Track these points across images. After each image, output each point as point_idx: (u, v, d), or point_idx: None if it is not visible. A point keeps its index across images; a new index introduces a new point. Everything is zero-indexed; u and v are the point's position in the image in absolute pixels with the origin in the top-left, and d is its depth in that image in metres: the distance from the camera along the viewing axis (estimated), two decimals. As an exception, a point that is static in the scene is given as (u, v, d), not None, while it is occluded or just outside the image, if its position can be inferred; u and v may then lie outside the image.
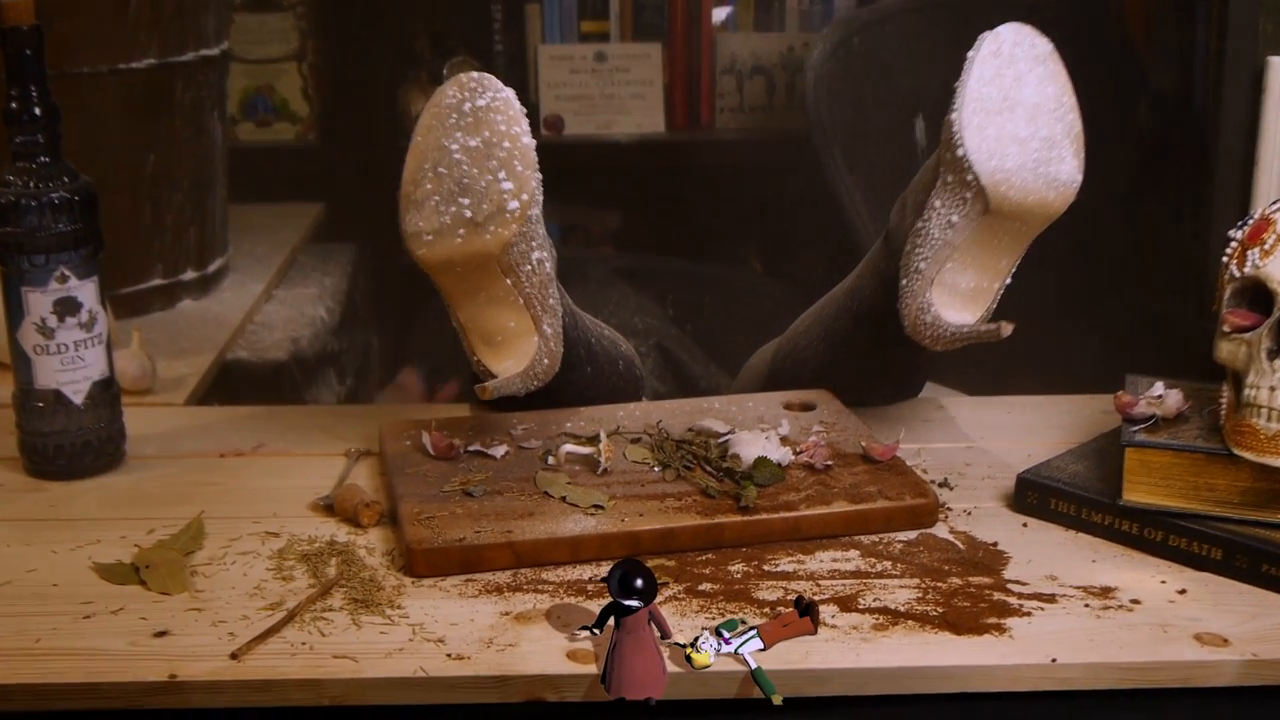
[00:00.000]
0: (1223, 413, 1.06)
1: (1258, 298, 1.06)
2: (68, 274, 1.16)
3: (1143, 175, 2.09)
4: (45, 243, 1.15)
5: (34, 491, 1.19)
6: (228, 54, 1.95)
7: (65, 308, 1.17)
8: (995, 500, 1.16)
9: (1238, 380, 1.05)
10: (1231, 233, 1.11)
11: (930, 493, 1.12)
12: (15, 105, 1.14)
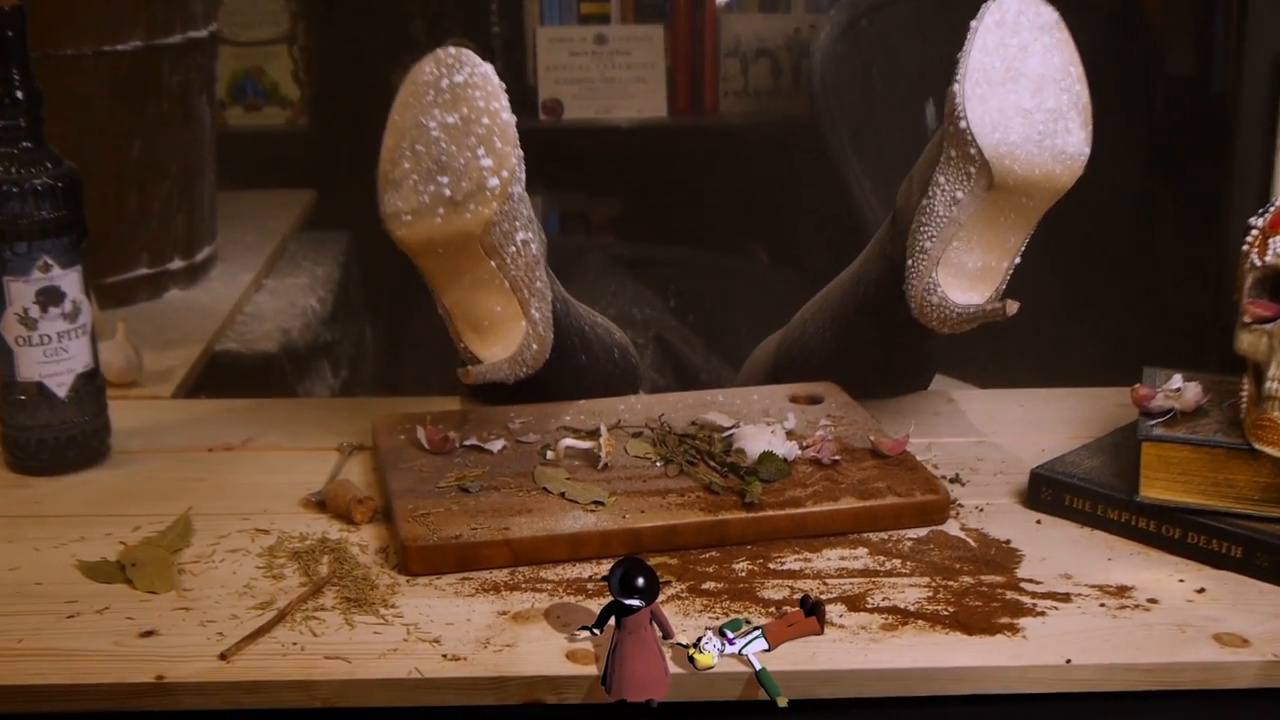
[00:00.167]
0: (1243, 406, 1.06)
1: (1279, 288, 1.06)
2: (51, 263, 1.16)
3: (1158, 159, 2.08)
4: (27, 230, 1.14)
5: (16, 487, 1.18)
6: (216, 36, 1.95)
7: (48, 298, 1.16)
8: (1008, 496, 1.16)
9: (1259, 373, 1.04)
10: (1252, 220, 1.10)
11: (941, 488, 1.11)
12: (-4, 88, 1.14)
